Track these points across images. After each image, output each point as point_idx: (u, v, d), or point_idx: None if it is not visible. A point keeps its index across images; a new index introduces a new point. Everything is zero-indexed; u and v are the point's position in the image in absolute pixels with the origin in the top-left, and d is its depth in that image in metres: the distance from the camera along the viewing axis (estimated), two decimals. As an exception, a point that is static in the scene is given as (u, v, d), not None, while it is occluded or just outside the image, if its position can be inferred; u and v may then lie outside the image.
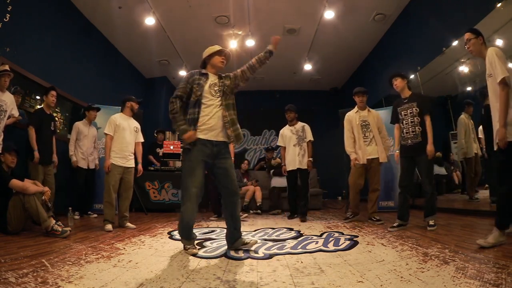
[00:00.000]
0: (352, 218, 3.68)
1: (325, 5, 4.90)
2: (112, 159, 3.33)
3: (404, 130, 3.09)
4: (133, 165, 3.51)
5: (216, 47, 2.36)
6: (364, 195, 3.80)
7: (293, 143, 4.23)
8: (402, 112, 3.12)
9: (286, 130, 4.39)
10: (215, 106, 2.22)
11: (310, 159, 4.15)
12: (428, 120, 2.98)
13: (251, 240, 2.31)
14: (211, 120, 2.19)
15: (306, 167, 4.14)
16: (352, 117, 3.77)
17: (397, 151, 3.23)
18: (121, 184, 3.42)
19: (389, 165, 4.89)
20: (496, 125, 2.15)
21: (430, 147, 2.90)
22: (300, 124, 4.34)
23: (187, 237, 2.24)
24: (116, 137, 3.39)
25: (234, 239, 2.25)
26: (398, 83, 3.12)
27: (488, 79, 2.18)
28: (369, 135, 3.67)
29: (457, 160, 4.80)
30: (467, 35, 2.28)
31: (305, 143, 4.21)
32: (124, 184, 3.44)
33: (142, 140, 3.66)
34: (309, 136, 4.23)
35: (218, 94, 2.25)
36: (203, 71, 2.34)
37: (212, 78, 2.30)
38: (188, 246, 2.21)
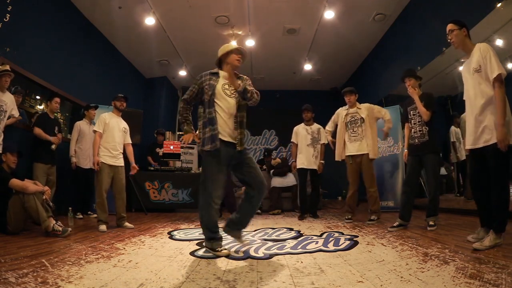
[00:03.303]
0: (350, 220, 3.65)
1: (325, 5, 4.90)
2: (102, 158, 3.31)
3: (412, 129, 3.08)
4: (123, 164, 3.49)
5: (233, 45, 2.31)
6: (363, 195, 3.79)
7: (307, 143, 4.22)
8: (411, 112, 3.10)
9: (301, 129, 4.36)
10: (230, 106, 2.18)
11: (322, 161, 4.18)
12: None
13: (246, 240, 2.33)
14: (224, 120, 2.16)
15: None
16: (340, 113, 3.86)
17: (406, 150, 3.20)
18: (113, 185, 3.40)
19: (390, 164, 4.89)
20: (472, 124, 2.10)
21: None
22: (316, 126, 4.34)
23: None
24: (105, 135, 3.39)
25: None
26: (412, 83, 3.06)
27: (474, 74, 2.09)
28: (357, 130, 3.66)
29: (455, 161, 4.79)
30: (450, 26, 2.22)
31: (319, 145, 4.24)
32: (116, 184, 3.41)
33: (130, 141, 3.65)
34: (324, 139, 4.23)
35: (233, 94, 2.21)
36: (214, 70, 2.31)
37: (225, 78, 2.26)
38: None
